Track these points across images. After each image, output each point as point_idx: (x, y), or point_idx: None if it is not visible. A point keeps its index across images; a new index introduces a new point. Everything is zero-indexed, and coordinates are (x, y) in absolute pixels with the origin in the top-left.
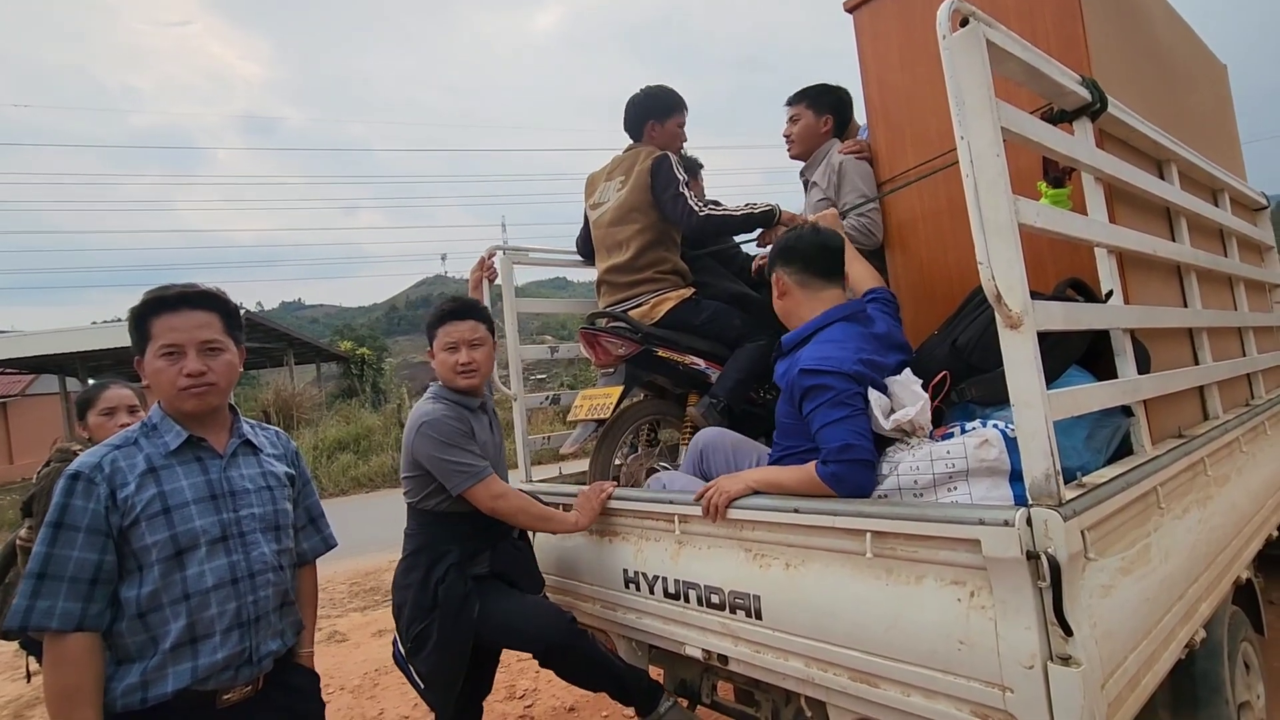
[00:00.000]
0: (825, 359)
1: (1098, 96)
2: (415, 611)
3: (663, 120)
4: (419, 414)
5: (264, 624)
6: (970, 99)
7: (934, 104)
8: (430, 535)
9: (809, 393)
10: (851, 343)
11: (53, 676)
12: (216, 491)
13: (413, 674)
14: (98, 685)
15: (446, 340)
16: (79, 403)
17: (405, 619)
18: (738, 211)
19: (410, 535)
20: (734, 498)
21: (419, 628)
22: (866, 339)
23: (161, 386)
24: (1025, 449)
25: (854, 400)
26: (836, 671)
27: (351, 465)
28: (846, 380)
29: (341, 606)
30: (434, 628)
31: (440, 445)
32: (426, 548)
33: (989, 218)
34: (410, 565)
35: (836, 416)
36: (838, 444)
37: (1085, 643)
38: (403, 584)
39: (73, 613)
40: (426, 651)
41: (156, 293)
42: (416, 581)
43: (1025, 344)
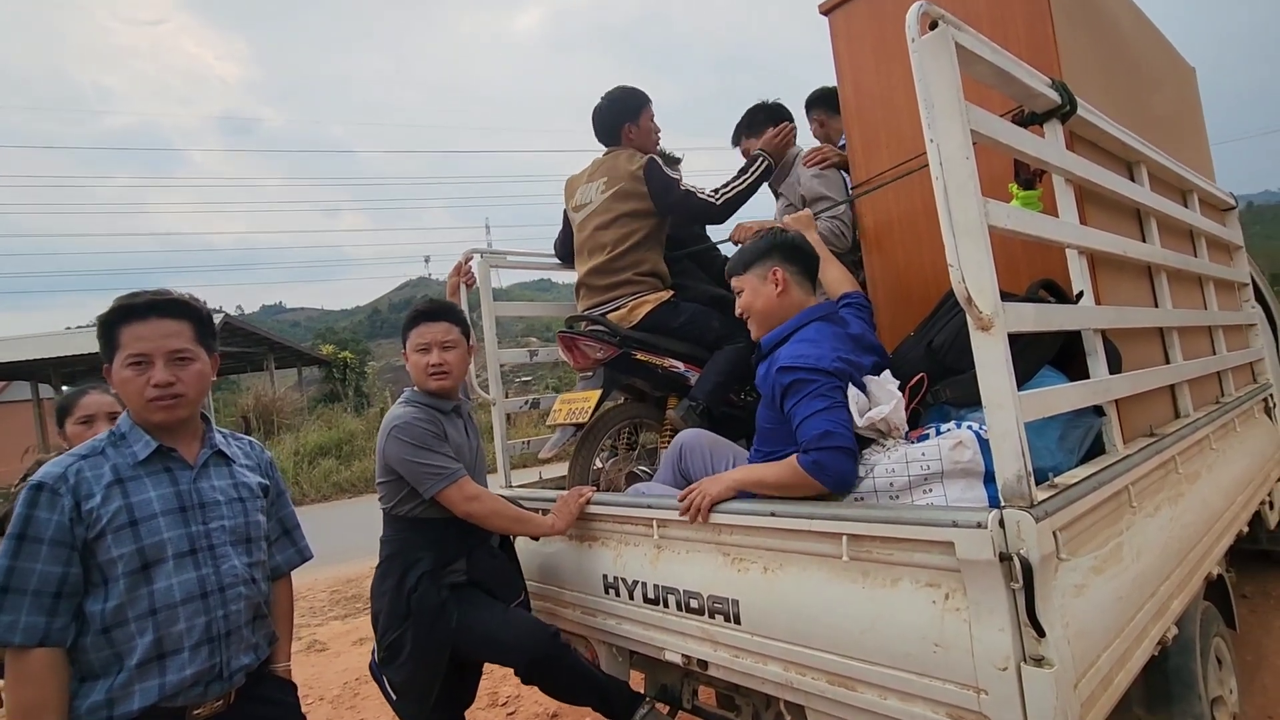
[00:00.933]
0: (804, 356)
1: (1067, 99)
2: (389, 620)
3: (636, 119)
4: (390, 418)
5: (235, 638)
6: (940, 101)
7: (908, 106)
8: (404, 542)
9: (790, 389)
10: (828, 342)
11: (15, 693)
12: (186, 503)
13: (386, 684)
14: (62, 702)
15: (419, 342)
16: (57, 410)
17: (380, 627)
18: (743, 182)
19: (385, 542)
20: (716, 500)
21: (393, 636)
22: (842, 339)
23: (129, 396)
24: (997, 450)
25: (834, 393)
26: (815, 675)
27: (334, 471)
28: (826, 375)
29: (322, 615)
30: (408, 636)
31: (411, 448)
32: (400, 554)
33: (959, 220)
34: (384, 572)
35: (818, 407)
36: (818, 431)
37: (1058, 643)
38: (378, 591)
39: (36, 627)
40: (400, 660)
41: (125, 300)
42: (390, 589)
43: (996, 346)
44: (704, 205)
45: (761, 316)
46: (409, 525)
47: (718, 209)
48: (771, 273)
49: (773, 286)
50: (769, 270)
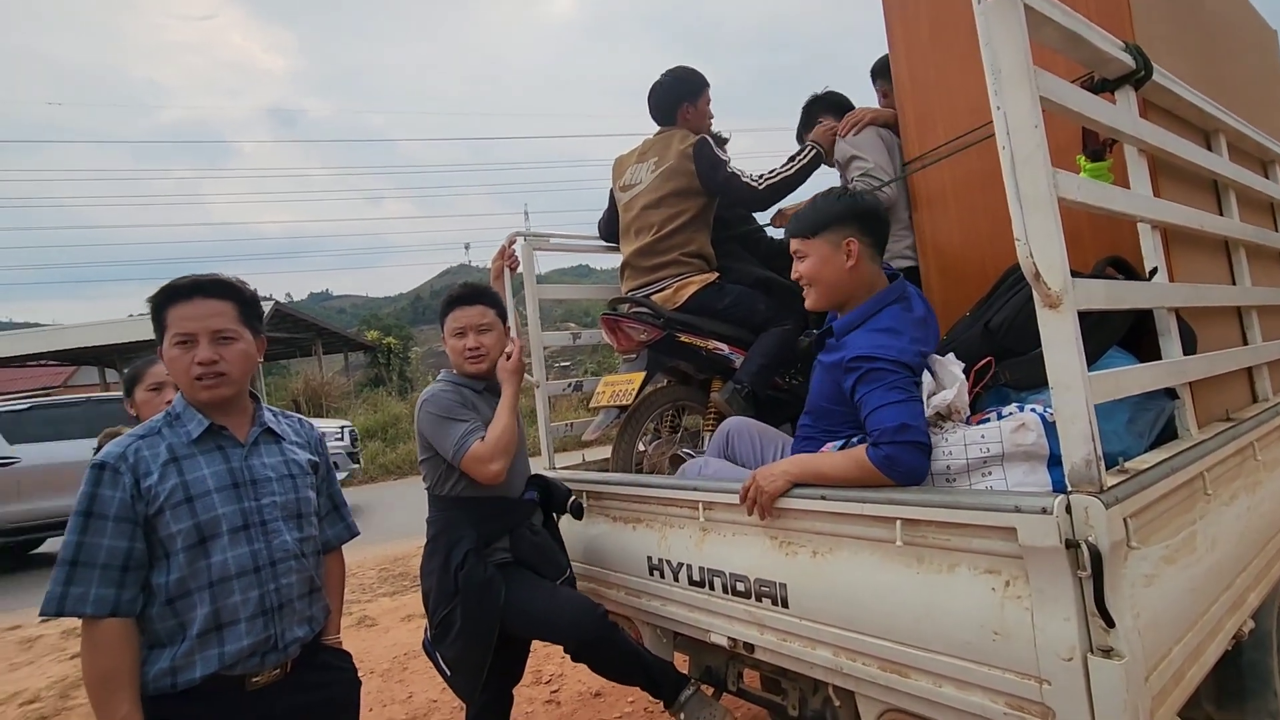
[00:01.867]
0: (886, 347)
1: (1142, 64)
2: (439, 598)
3: (695, 101)
4: (422, 395)
5: (288, 611)
6: (1007, 67)
7: (965, 80)
8: (447, 520)
9: (865, 376)
10: (907, 332)
11: (90, 661)
12: (238, 480)
13: (439, 660)
14: (134, 669)
15: (455, 325)
16: (126, 379)
17: (430, 605)
18: (791, 169)
19: (430, 522)
20: (776, 496)
21: (443, 613)
22: (916, 325)
23: (177, 375)
24: (1065, 433)
25: (911, 387)
26: (865, 661)
27: (379, 453)
28: (906, 369)
29: (371, 592)
30: (457, 614)
31: (436, 419)
32: (444, 533)
33: (1026, 192)
34: (431, 551)
35: (893, 399)
36: (894, 424)
37: (1128, 634)
38: (426, 570)
39: (106, 599)
40: (451, 638)
41: (172, 283)
42: (438, 567)
43: (1065, 324)
44: (747, 190)
45: (827, 289)
46: (451, 504)
47: (760, 194)
48: (846, 243)
49: (844, 258)
50: (844, 240)
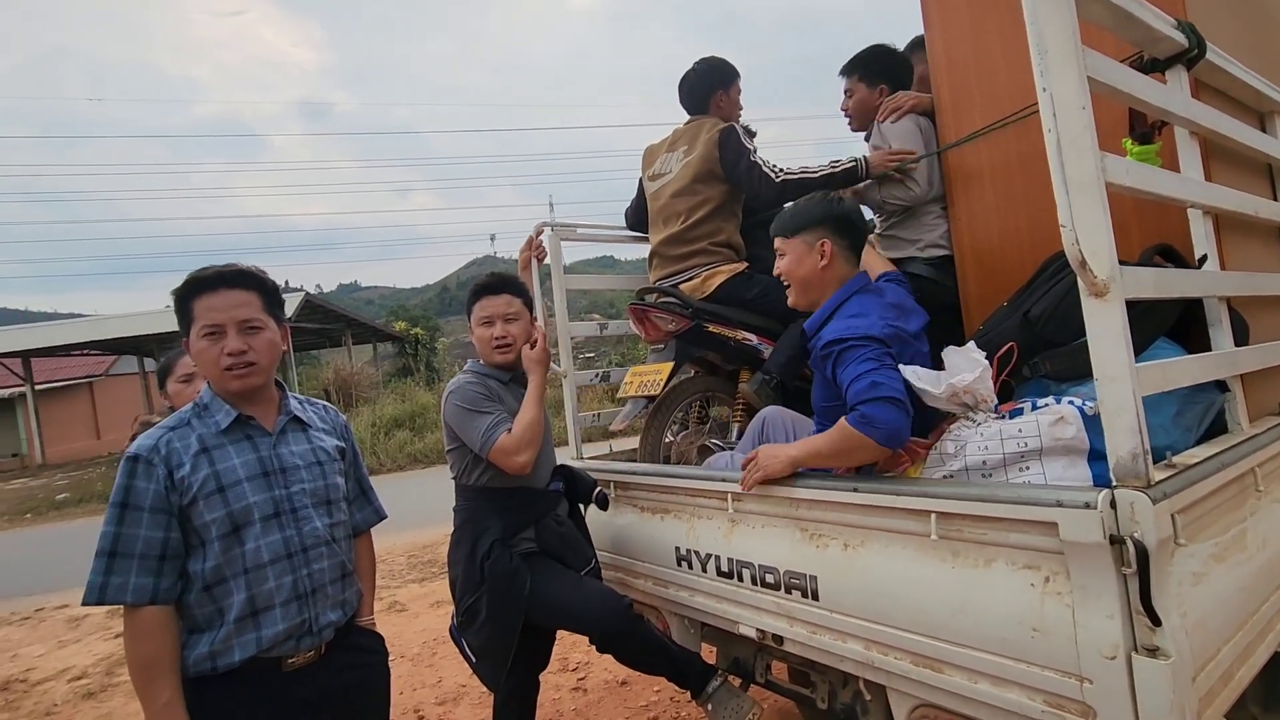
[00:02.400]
0: (852, 327)
1: (1195, 42)
2: (465, 586)
3: (728, 89)
4: (448, 387)
5: (321, 596)
6: (1054, 46)
7: (1005, 60)
8: (473, 510)
9: (839, 358)
10: (874, 312)
11: (133, 648)
12: (268, 469)
13: (465, 647)
14: (175, 655)
15: (482, 315)
16: (159, 371)
17: (457, 593)
18: (818, 172)
19: (456, 511)
20: (771, 477)
21: (469, 601)
22: (885, 307)
23: (206, 366)
24: (1110, 426)
25: (883, 356)
26: (898, 655)
27: (408, 442)
28: (875, 342)
29: (400, 578)
30: (483, 602)
31: (464, 412)
32: (471, 523)
33: (1073, 176)
34: (457, 540)
35: (865, 369)
36: (864, 384)
37: (1175, 633)
38: (453, 559)
39: (145, 588)
40: (477, 625)
41: (196, 274)
42: (464, 557)
43: (1111, 313)
44: (763, 180)
45: (801, 286)
46: (477, 494)
47: (775, 187)
48: (820, 244)
49: (818, 258)
50: (818, 241)
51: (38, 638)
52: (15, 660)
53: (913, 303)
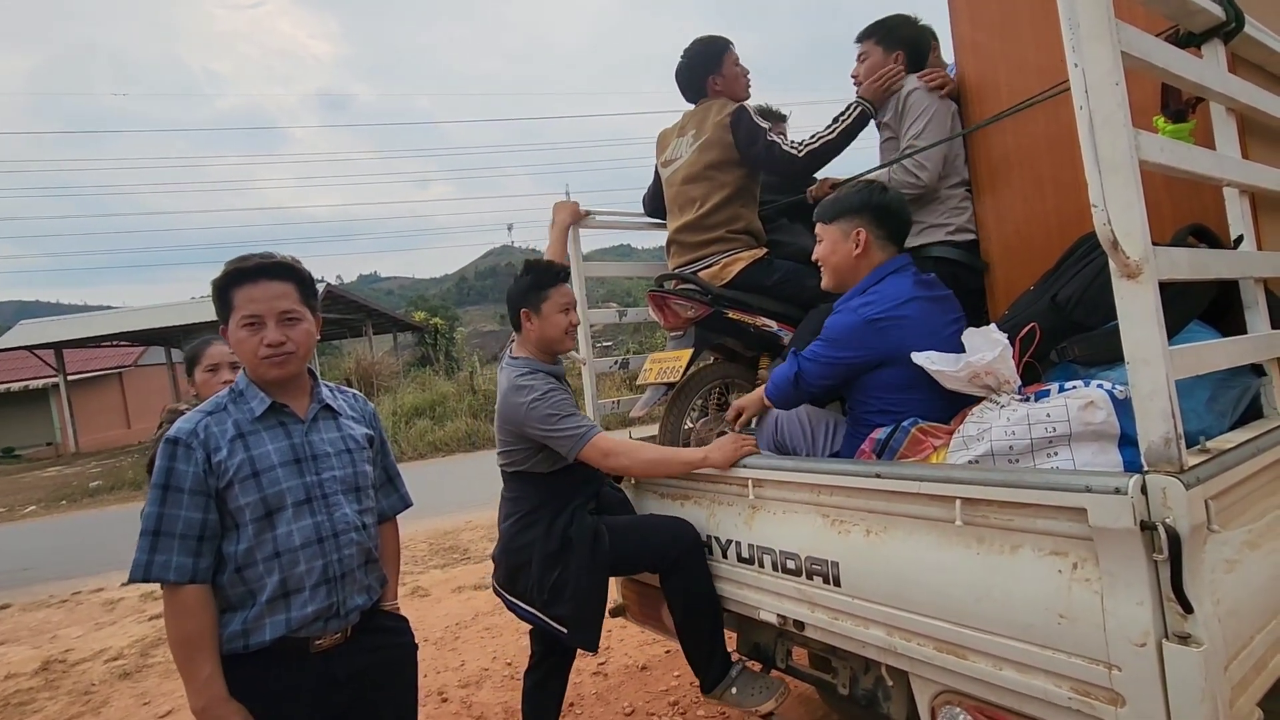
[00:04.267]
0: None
1: (1232, 15)
2: (545, 564)
3: (719, 68)
4: (516, 387)
5: (349, 580)
6: (1086, 21)
7: (1033, 35)
8: (544, 494)
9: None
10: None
11: (174, 625)
12: (300, 455)
13: (552, 623)
14: (214, 632)
15: (563, 301)
16: (186, 360)
17: (534, 575)
18: (833, 133)
19: (516, 499)
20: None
21: (553, 577)
22: (915, 285)
23: (244, 355)
24: (1142, 410)
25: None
26: (921, 641)
27: (428, 431)
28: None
29: (423, 564)
30: (570, 570)
31: (552, 419)
32: (544, 505)
33: (1105, 154)
34: (527, 523)
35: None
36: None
37: (1207, 621)
38: (519, 544)
39: (186, 567)
40: (566, 597)
41: (236, 264)
42: (538, 536)
43: (1144, 295)
44: (785, 157)
45: (833, 272)
46: (542, 480)
47: (800, 161)
48: (855, 232)
49: (853, 246)
50: (853, 229)
51: (75, 620)
52: (54, 641)
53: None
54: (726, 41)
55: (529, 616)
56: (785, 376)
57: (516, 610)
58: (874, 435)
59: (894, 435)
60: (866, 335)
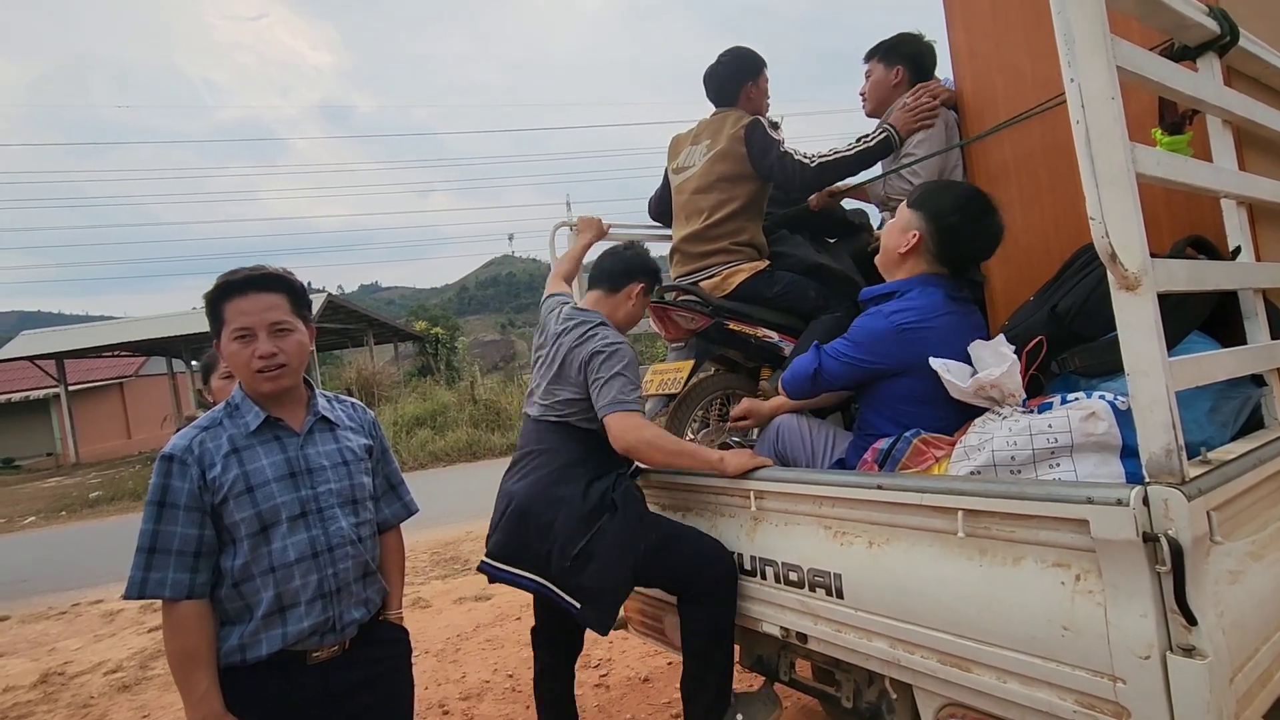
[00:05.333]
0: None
1: (1227, 28)
2: (575, 526)
3: (757, 80)
4: (609, 337)
5: (345, 594)
6: (1081, 36)
7: (1029, 48)
8: (590, 449)
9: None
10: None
11: (172, 641)
12: (295, 469)
13: (564, 597)
14: (211, 647)
15: (648, 302)
16: (202, 368)
17: (558, 536)
18: (850, 151)
19: (554, 450)
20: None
21: (581, 541)
22: (944, 301)
23: (238, 368)
24: (1142, 421)
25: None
26: (924, 654)
27: (429, 440)
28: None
29: (424, 574)
30: (605, 537)
31: (629, 368)
32: (587, 461)
33: (1102, 168)
34: (562, 478)
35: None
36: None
37: (1211, 633)
38: (550, 498)
39: (182, 583)
40: (593, 564)
41: (226, 277)
42: (575, 493)
43: (1143, 307)
44: (798, 169)
45: (883, 254)
46: (594, 436)
47: (811, 172)
48: (912, 234)
49: (904, 241)
50: (912, 229)
51: (74, 631)
52: (53, 654)
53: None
54: (764, 60)
55: (533, 586)
56: (805, 370)
57: (517, 581)
58: (876, 445)
59: (896, 445)
60: (894, 343)
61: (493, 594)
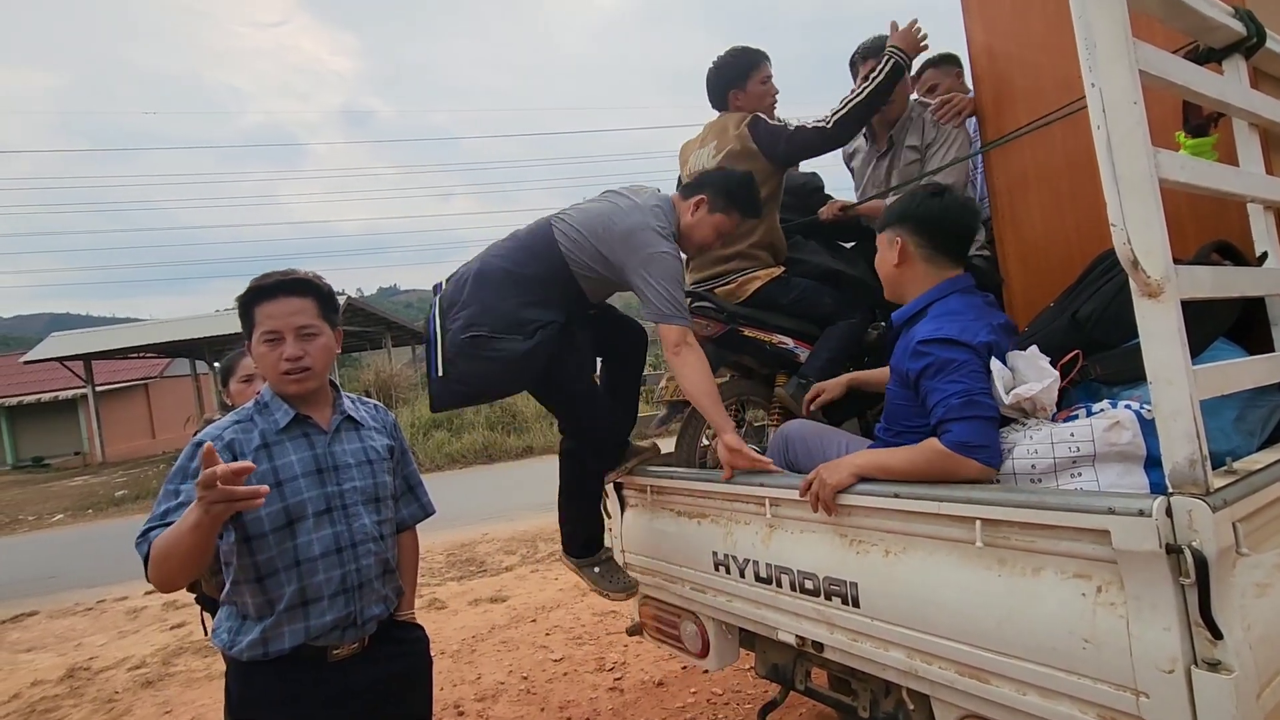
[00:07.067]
0: (943, 330)
1: (1254, 30)
2: (497, 319)
3: (743, 84)
4: (664, 240)
5: (367, 590)
6: (1103, 40)
7: (1051, 53)
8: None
9: (927, 369)
10: (971, 313)
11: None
12: (322, 466)
13: (439, 359)
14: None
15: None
16: (221, 371)
17: (480, 311)
18: (865, 89)
19: (539, 258)
20: (837, 489)
21: (484, 332)
22: (984, 310)
23: (266, 369)
24: (1165, 431)
25: (978, 373)
26: (942, 665)
27: (445, 442)
28: (970, 352)
29: (440, 576)
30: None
31: (670, 278)
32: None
33: (1124, 173)
34: (525, 286)
35: (959, 387)
36: (959, 400)
37: (1237, 647)
38: (504, 289)
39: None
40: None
41: (257, 281)
42: (522, 302)
43: (1166, 314)
44: (814, 134)
45: (885, 286)
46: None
47: (830, 132)
48: (895, 240)
49: (894, 255)
50: (893, 237)
51: (99, 628)
52: (79, 649)
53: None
54: (759, 56)
55: (430, 333)
56: (988, 431)
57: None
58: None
59: None
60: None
61: (508, 596)
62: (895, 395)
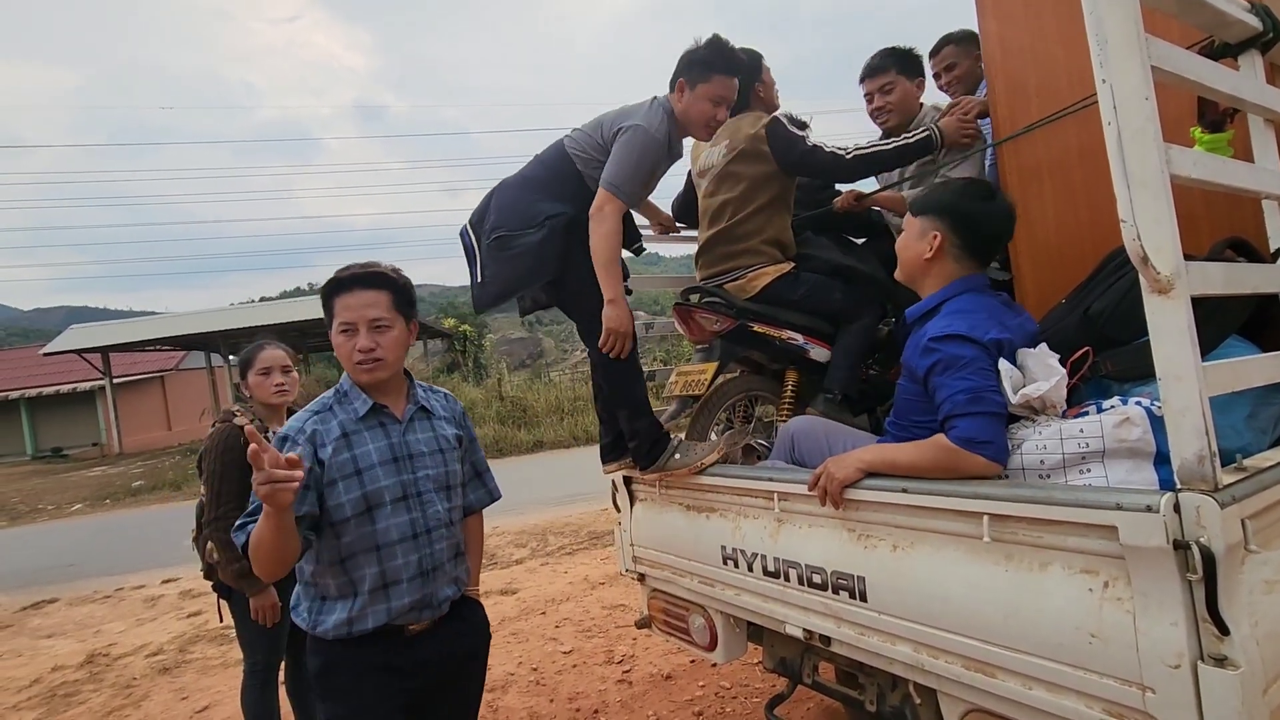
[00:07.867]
0: (956, 327)
1: (1270, 25)
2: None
3: (760, 76)
4: (651, 129)
5: (440, 573)
6: (1114, 36)
7: (1064, 50)
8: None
9: (936, 365)
10: (983, 311)
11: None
12: (398, 454)
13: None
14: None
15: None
16: (240, 363)
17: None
18: (889, 146)
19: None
20: (845, 484)
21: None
22: (998, 309)
23: (342, 358)
24: (1174, 427)
25: (986, 370)
26: (949, 659)
27: None
28: (979, 349)
29: None
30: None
31: (635, 154)
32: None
33: (1134, 170)
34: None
35: (966, 384)
36: (965, 396)
37: (1244, 643)
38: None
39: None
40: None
41: (337, 274)
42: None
43: (1176, 312)
44: (830, 159)
45: (903, 267)
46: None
47: (846, 164)
48: (932, 236)
49: (926, 247)
50: (930, 229)
51: (118, 615)
52: (98, 636)
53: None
54: (758, 53)
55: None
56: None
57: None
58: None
59: None
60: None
61: (518, 588)
62: (905, 390)
